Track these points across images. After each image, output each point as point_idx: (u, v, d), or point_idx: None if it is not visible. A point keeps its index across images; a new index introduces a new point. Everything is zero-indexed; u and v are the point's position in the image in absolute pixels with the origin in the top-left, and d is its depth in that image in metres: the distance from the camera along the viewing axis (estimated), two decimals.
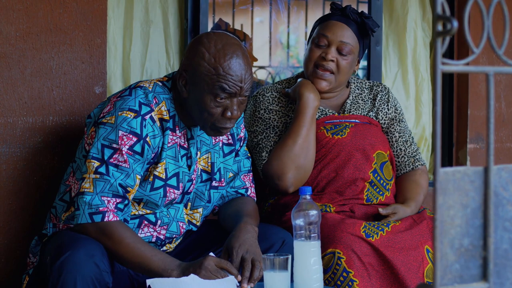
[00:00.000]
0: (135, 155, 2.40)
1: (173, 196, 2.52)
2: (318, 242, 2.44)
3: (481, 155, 3.90)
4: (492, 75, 1.19)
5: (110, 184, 2.37)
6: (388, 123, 3.12)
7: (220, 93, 2.38)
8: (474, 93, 3.86)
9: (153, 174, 2.47)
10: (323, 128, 2.99)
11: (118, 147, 2.38)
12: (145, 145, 2.41)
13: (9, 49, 2.77)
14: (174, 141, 2.50)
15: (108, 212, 2.35)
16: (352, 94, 3.11)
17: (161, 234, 2.56)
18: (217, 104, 2.40)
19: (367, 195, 2.97)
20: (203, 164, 2.60)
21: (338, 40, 2.97)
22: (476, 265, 1.19)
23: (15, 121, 2.78)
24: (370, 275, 2.73)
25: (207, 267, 2.31)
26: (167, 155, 2.49)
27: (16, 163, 2.78)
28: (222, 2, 3.73)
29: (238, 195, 2.74)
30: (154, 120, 2.44)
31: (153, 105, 2.45)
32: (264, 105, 3.01)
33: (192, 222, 2.65)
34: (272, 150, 2.93)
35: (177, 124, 2.50)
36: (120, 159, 2.38)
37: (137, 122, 2.40)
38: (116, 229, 2.35)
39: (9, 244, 2.80)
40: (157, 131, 2.45)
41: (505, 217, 1.22)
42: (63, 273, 2.23)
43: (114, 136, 2.39)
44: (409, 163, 3.12)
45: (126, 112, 2.41)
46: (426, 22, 3.85)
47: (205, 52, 2.40)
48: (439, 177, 1.16)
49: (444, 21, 1.14)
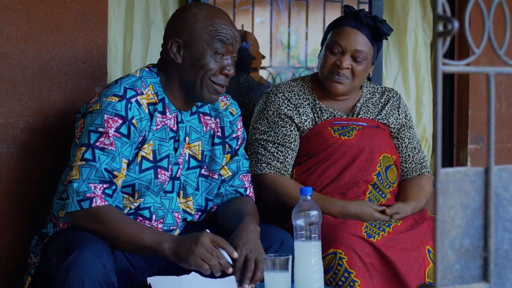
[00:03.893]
0: (122, 137, 2.42)
1: (164, 178, 2.52)
2: (318, 242, 2.44)
3: (481, 156, 3.90)
4: (493, 76, 1.19)
5: (96, 170, 2.38)
6: (398, 129, 3.13)
7: (219, 47, 2.49)
8: (475, 94, 3.86)
9: (140, 155, 2.48)
10: (330, 128, 3.00)
11: (104, 131, 2.41)
12: (131, 126, 2.44)
13: (9, 49, 2.77)
14: (164, 122, 2.53)
15: (95, 197, 2.37)
16: (363, 98, 3.11)
17: (158, 228, 2.55)
18: (216, 59, 2.49)
19: (369, 198, 2.97)
20: (194, 151, 2.61)
21: (352, 49, 2.96)
22: (477, 265, 1.19)
23: (16, 122, 2.78)
24: (371, 276, 2.73)
25: (204, 243, 2.30)
26: (157, 137, 2.50)
27: (16, 164, 2.78)
28: (223, 3, 3.73)
29: (237, 194, 2.73)
30: (140, 104, 2.47)
31: (139, 89, 2.49)
32: (274, 106, 3.01)
33: (187, 210, 2.64)
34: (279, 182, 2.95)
35: (167, 107, 2.54)
36: (106, 142, 2.41)
37: (122, 105, 2.43)
38: (105, 213, 2.37)
39: (9, 245, 2.79)
40: (144, 114, 2.47)
41: (506, 218, 1.22)
42: (70, 274, 2.23)
43: (100, 121, 2.42)
44: (416, 169, 3.14)
45: (110, 97, 2.44)
46: (426, 22, 3.85)
47: (198, 14, 2.52)
48: (440, 178, 1.16)
49: (445, 22, 1.14)
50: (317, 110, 3.03)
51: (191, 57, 2.50)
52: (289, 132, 2.98)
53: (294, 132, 2.99)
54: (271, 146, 2.98)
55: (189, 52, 2.50)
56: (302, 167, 3.01)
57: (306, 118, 3.00)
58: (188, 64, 2.51)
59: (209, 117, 2.68)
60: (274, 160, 2.96)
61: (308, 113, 3.01)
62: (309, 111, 3.02)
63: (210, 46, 2.49)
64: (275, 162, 2.96)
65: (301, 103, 3.02)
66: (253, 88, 3.66)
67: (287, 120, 2.99)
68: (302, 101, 3.03)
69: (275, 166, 2.96)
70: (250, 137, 3.04)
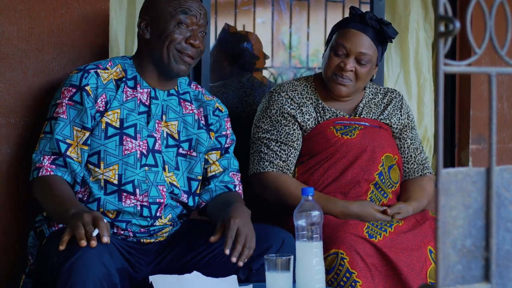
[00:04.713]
0: (76, 105, 2.55)
1: (131, 146, 2.56)
2: (320, 242, 2.44)
3: (483, 156, 3.90)
4: (494, 76, 1.19)
5: (50, 141, 2.52)
6: (401, 129, 3.13)
7: (183, 18, 2.58)
8: (476, 94, 3.86)
9: (104, 121, 2.55)
10: (333, 127, 3.00)
11: (60, 101, 2.56)
12: (83, 93, 2.54)
13: (11, 50, 2.77)
14: (134, 95, 2.61)
15: (42, 168, 2.49)
16: (366, 98, 3.12)
17: (144, 201, 2.56)
18: (180, 30, 2.58)
19: (370, 197, 2.97)
20: (171, 129, 2.66)
21: (357, 51, 2.96)
22: (478, 266, 1.19)
23: (17, 122, 2.78)
24: (373, 276, 2.73)
25: (84, 218, 2.26)
26: (126, 107, 2.58)
27: (18, 164, 2.78)
28: (224, 3, 3.73)
29: (226, 190, 2.75)
30: (98, 75, 2.58)
31: (101, 65, 2.61)
32: (277, 105, 3.02)
33: (173, 183, 2.65)
34: (281, 181, 2.96)
35: (138, 83, 2.64)
36: (59, 111, 2.55)
37: (78, 76, 2.57)
38: (46, 182, 2.48)
39: (9, 245, 2.80)
40: (101, 84, 2.57)
41: (507, 218, 1.22)
42: (72, 275, 2.22)
43: (59, 94, 2.58)
44: (418, 170, 3.14)
45: (71, 73, 2.60)
46: (428, 22, 3.84)
47: None
48: (441, 178, 1.16)
49: (446, 22, 1.14)
50: (319, 109, 3.03)
51: (157, 31, 2.61)
52: (292, 131, 2.99)
53: (297, 131, 3.00)
54: (273, 145, 2.98)
55: (156, 26, 2.61)
56: (304, 166, 3.01)
57: (309, 117, 3.01)
58: (155, 38, 2.61)
59: (189, 103, 2.73)
60: (277, 159, 2.97)
61: (311, 113, 3.02)
62: (312, 110, 3.02)
63: (174, 18, 2.59)
64: (277, 161, 2.97)
65: (304, 102, 3.02)
66: (256, 88, 3.66)
67: (290, 119, 3.00)
68: (305, 101, 3.03)
69: (277, 165, 2.97)
70: (252, 135, 3.04)
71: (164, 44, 2.59)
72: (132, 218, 2.55)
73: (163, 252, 2.64)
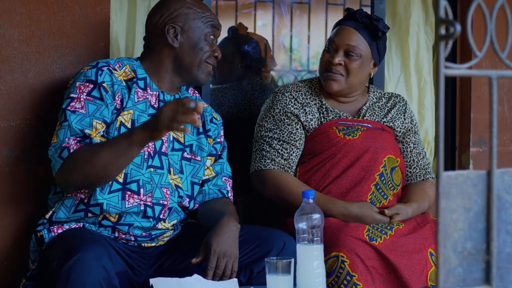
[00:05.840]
0: (95, 100, 2.54)
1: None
2: (321, 245, 2.44)
3: (484, 159, 3.90)
4: (495, 79, 1.19)
5: (69, 127, 2.47)
6: (404, 133, 3.15)
7: (211, 30, 2.69)
8: (477, 97, 3.86)
9: (119, 120, 2.55)
10: (335, 128, 3.02)
11: (76, 96, 2.53)
12: (101, 89, 2.54)
13: (12, 53, 2.77)
14: (145, 97, 2.63)
15: (70, 146, 2.44)
16: (370, 101, 3.14)
17: (148, 201, 2.56)
18: (209, 42, 2.69)
19: (370, 199, 2.97)
20: (177, 133, 2.68)
21: (344, 44, 3.01)
22: (479, 268, 1.19)
23: (18, 125, 2.78)
24: (373, 279, 2.73)
25: (166, 105, 2.28)
26: (137, 108, 2.59)
27: (19, 166, 2.78)
28: (225, 6, 3.73)
29: (220, 195, 2.75)
30: (111, 72, 2.59)
31: (111, 64, 2.61)
32: (281, 104, 3.04)
33: (179, 185, 2.65)
34: (283, 179, 2.96)
35: (148, 85, 2.66)
36: (77, 106, 2.52)
37: (92, 71, 2.57)
38: (82, 149, 2.44)
39: (10, 249, 2.79)
40: (116, 81, 2.58)
41: (508, 221, 1.22)
42: (71, 277, 2.22)
43: (73, 88, 2.56)
44: (420, 174, 3.15)
45: (83, 69, 2.59)
46: (429, 25, 3.84)
47: (185, 2, 2.69)
48: (442, 181, 1.16)
49: (447, 25, 1.14)
50: (323, 110, 3.05)
51: (190, 42, 2.67)
52: (295, 130, 3.00)
53: (299, 130, 3.01)
54: (276, 143, 2.99)
55: (188, 35, 2.67)
56: (306, 165, 3.02)
57: (312, 118, 3.02)
58: (186, 48, 2.66)
59: None
60: (279, 157, 2.98)
61: (314, 113, 3.03)
62: (315, 110, 3.04)
63: (205, 31, 2.68)
64: (279, 159, 2.98)
65: (307, 103, 3.04)
66: (258, 90, 3.68)
67: (293, 118, 3.01)
68: (309, 101, 3.05)
69: (279, 163, 2.98)
70: (255, 134, 3.06)
71: (197, 57, 2.66)
72: (134, 220, 2.54)
73: (164, 255, 2.64)
